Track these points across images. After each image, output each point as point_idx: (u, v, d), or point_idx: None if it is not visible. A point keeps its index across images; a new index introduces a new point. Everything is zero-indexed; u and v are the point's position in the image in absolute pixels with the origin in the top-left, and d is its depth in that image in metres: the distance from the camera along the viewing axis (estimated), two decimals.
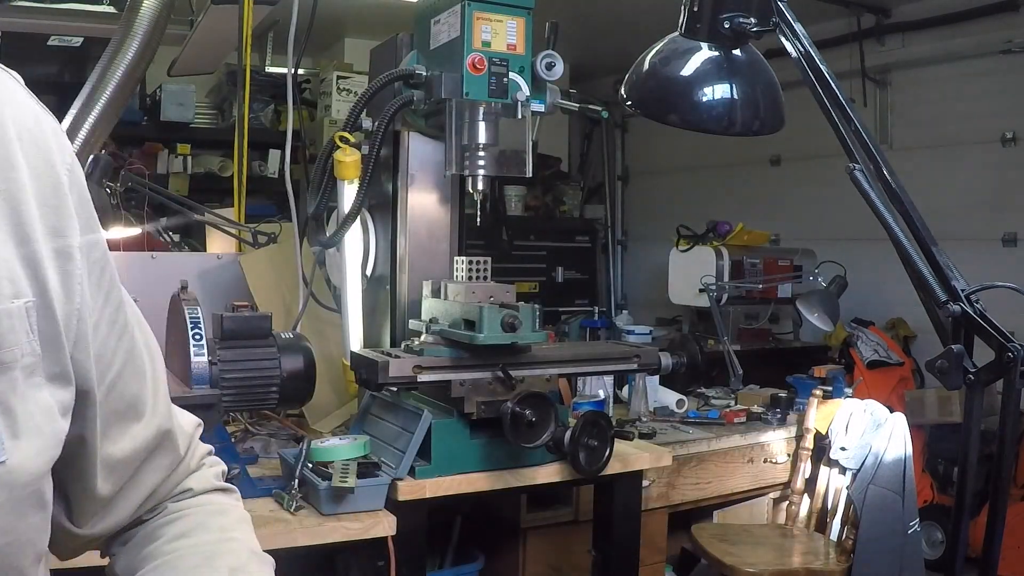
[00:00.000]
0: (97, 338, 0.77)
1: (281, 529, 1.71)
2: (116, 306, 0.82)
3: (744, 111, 1.53)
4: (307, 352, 1.93)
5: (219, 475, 1.01)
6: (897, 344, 4.91)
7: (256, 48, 5.09)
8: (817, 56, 1.41)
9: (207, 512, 0.94)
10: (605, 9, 4.10)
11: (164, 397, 0.89)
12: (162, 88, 5.19)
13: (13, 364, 0.67)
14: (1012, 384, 1.19)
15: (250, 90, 3.29)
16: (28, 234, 0.69)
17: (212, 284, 2.52)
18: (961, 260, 1.32)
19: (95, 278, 0.78)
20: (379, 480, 1.82)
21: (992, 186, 4.82)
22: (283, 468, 1.92)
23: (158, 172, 5.25)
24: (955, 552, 1.25)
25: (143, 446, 0.85)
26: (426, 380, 1.88)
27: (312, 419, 2.40)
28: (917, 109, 5.21)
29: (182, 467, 0.94)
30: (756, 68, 1.54)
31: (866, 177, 1.34)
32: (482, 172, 1.99)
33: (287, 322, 2.41)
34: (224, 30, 3.31)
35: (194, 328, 1.75)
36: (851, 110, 1.38)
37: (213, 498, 0.97)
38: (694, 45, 1.51)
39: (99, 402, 0.78)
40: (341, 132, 2.08)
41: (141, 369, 0.85)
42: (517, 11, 1.96)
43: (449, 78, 1.92)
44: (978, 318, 1.22)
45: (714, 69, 1.50)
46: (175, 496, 0.93)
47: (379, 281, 2.26)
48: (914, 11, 5.13)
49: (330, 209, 2.26)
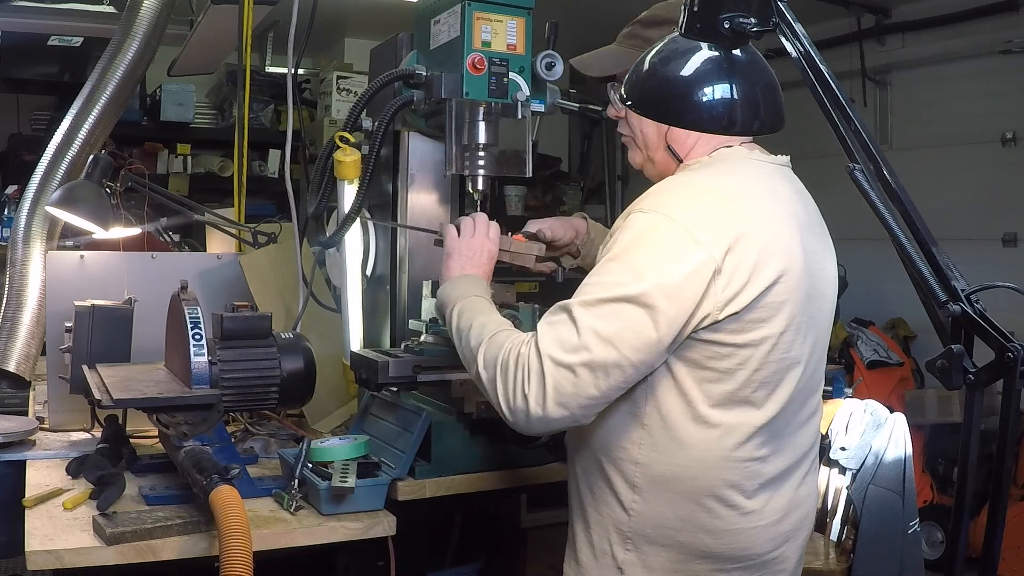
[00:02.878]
0: None
1: (281, 529, 1.71)
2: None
3: (744, 111, 1.53)
4: (307, 352, 1.93)
5: None
6: (897, 344, 4.92)
7: (256, 48, 5.09)
8: (817, 56, 1.41)
9: None
10: (605, 9, 4.08)
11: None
12: (162, 88, 5.20)
13: None
14: (1012, 384, 1.19)
15: (250, 90, 3.29)
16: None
17: (212, 284, 2.52)
18: (961, 260, 1.32)
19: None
20: (379, 480, 1.82)
21: (992, 186, 4.82)
22: (283, 468, 1.92)
23: (158, 172, 5.26)
24: (955, 552, 1.25)
25: None
26: (426, 380, 1.88)
27: (312, 419, 2.40)
28: (917, 109, 5.22)
29: None
30: (756, 68, 1.54)
31: (866, 177, 1.34)
32: (482, 172, 1.99)
33: (287, 322, 2.41)
34: (224, 30, 3.31)
35: (194, 328, 1.75)
36: (851, 110, 1.38)
37: None
38: (694, 45, 1.51)
39: None
40: (341, 132, 2.08)
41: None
42: (517, 11, 1.95)
43: (449, 78, 1.92)
44: (978, 318, 1.22)
45: (714, 69, 1.50)
46: None
47: (379, 281, 2.26)
48: (914, 11, 5.13)
49: (330, 209, 2.26)
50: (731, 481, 1.46)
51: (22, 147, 4.96)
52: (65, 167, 2.72)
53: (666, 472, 1.46)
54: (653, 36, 1.68)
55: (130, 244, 2.94)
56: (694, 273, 1.38)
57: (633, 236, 1.44)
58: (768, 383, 1.46)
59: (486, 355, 1.48)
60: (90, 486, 1.82)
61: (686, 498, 1.46)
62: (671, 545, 1.47)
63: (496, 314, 1.59)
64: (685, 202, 1.45)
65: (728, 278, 1.39)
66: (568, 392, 1.37)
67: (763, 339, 1.43)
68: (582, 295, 1.43)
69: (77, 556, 1.56)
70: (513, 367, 1.41)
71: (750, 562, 1.49)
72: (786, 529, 1.53)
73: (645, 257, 1.40)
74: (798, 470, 1.56)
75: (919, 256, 1.29)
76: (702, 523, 1.46)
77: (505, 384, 1.42)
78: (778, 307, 1.43)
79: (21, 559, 1.59)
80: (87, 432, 2.29)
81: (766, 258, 1.42)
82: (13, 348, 2.59)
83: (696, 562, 1.47)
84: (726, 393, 1.44)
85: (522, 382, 1.39)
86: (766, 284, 1.41)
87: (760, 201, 1.49)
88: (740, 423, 1.45)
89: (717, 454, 1.45)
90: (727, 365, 1.43)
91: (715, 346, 1.42)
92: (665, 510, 1.47)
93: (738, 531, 1.47)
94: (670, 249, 1.40)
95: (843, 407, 3.13)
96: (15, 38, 3.82)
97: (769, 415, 1.47)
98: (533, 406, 1.38)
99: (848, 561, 2.83)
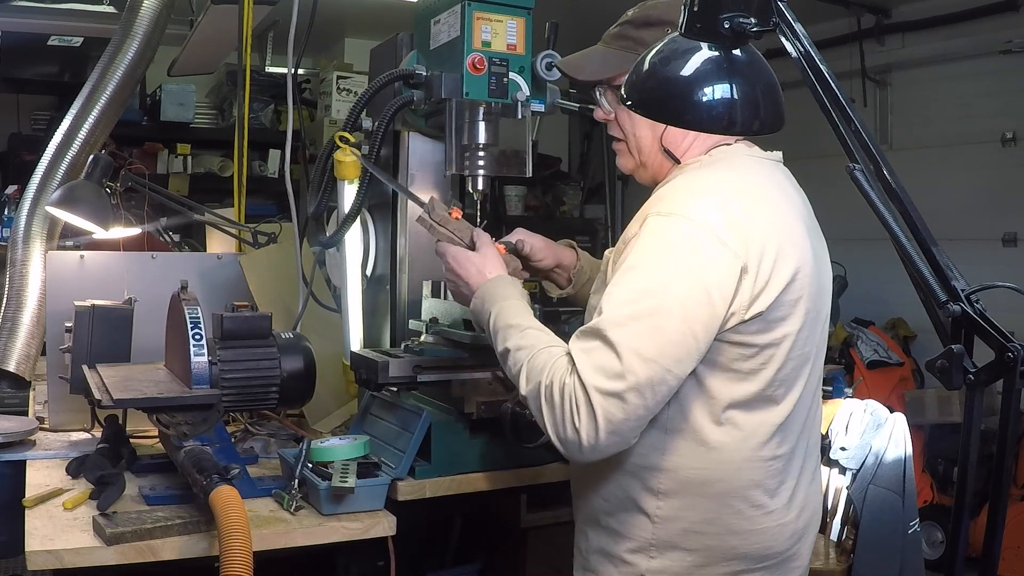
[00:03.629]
0: None
1: (281, 529, 1.70)
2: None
3: (744, 111, 1.52)
4: (307, 352, 1.93)
5: None
6: (897, 344, 4.91)
7: (256, 48, 5.09)
8: (817, 56, 1.41)
9: None
10: (605, 9, 4.07)
11: None
12: (162, 88, 5.20)
13: None
14: (1012, 384, 1.19)
15: (250, 90, 3.29)
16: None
17: (212, 284, 2.52)
18: (961, 260, 1.32)
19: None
20: (379, 480, 1.82)
21: (992, 186, 4.82)
22: (283, 468, 1.92)
23: (158, 172, 5.26)
24: (955, 552, 1.25)
25: None
26: (426, 380, 1.88)
27: (312, 419, 2.40)
28: (917, 109, 5.21)
29: None
30: (756, 68, 1.54)
31: (866, 177, 1.33)
32: (482, 172, 1.98)
33: (287, 322, 2.41)
34: (224, 30, 3.31)
35: (194, 328, 1.75)
36: (851, 110, 1.38)
37: None
38: (694, 45, 1.51)
39: None
40: (341, 132, 2.08)
41: None
42: (517, 11, 1.95)
43: (449, 78, 1.92)
44: (978, 318, 1.22)
45: (714, 69, 1.50)
46: None
47: (379, 281, 2.26)
48: (914, 11, 5.13)
49: (330, 209, 2.26)
50: (756, 480, 1.45)
51: (22, 147, 4.96)
52: (65, 167, 2.72)
53: (692, 476, 1.45)
54: (646, 37, 1.64)
55: (130, 244, 2.94)
56: (724, 273, 1.37)
57: (654, 241, 1.40)
58: (787, 381, 1.46)
59: (528, 378, 1.43)
60: (90, 486, 1.82)
61: (713, 500, 1.45)
62: (698, 549, 1.46)
63: (526, 317, 1.54)
64: (702, 202, 1.43)
65: (754, 276, 1.38)
66: (619, 419, 1.34)
67: (784, 337, 1.43)
68: (611, 313, 1.37)
69: (77, 556, 1.56)
70: (559, 399, 1.36)
71: (772, 560, 1.49)
72: (802, 525, 1.54)
73: (671, 262, 1.38)
74: (808, 466, 1.57)
75: (919, 256, 1.29)
76: (729, 524, 1.45)
77: (553, 415, 1.37)
78: (795, 304, 1.43)
79: (21, 559, 1.59)
80: (87, 432, 2.29)
81: (783, 255, 1.42)
82: (13, 348, 2.59)
83: (720, 565, 1.46)
84: (751, 394, 1.43)
85: (571, 415, 1.34)
86: (785, 281, 1.41)
87: (770, 197, 1.49)
88: (763, 422, 1.45)
89: (743, 455, 1.45)
90: (752, 365, 1.42)
91: (741, 347, 1.41)
92: (691, 514, 1.45)
93: (763, 530, 1.47)
94: (696, 252, 1.37)
95: (843, 407, 3.13)
96: (15, 38, 3.82)
97: (787, 412, 1.47)
98: (585, 439, 1.34)
99: (848, 561, 2.83)
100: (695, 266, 1.37)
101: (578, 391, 1.34)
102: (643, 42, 1.63)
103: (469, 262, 1.69)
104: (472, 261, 1.69)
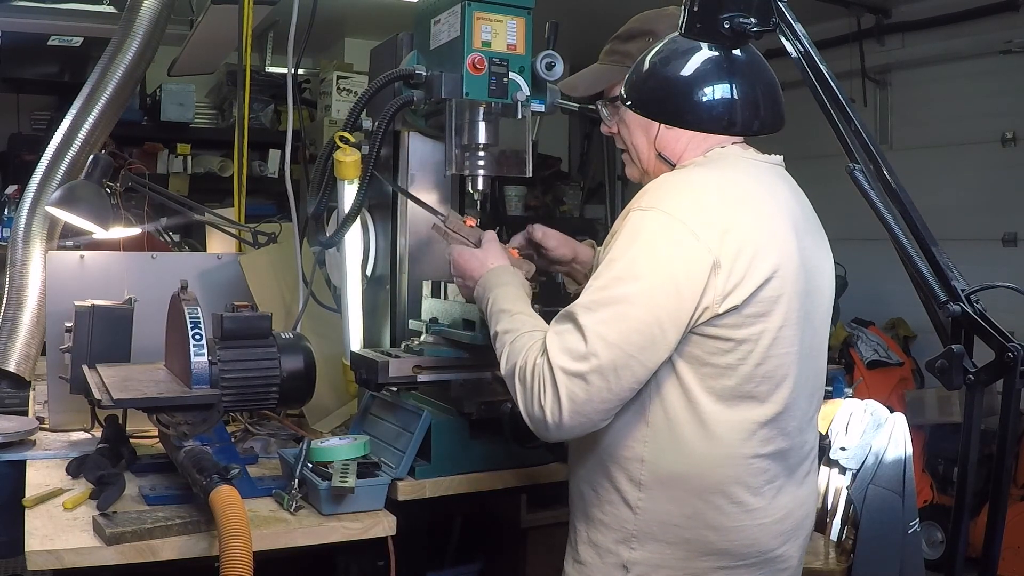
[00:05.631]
0: None
1: (281, 529, 1.70)
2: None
3: (744, 111, 1.53)
4: (307, 352, 1.93)
5: None
6: (897, 344, 4.92)
7: (256, 48, 5.09)
8: (817, 56, 1.41)
9: None
10: (605, 9, 4.09)
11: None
12: (162, 88, 5.19)
13: None
14: (1012, 384, 1.19)
15: (250, 90, 3.28)
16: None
17: (212, 284, 2.52)
18: (961, 260, 1.32)
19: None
20: (379, 480, 1.82)
21: (992, 186, 4.82)
22: (283, 468, 1.92)
23: (158, 172, 5.26)
24: (955, 552, 1.25)
25: None
26: (426, 380, 1.88)
27: (312, 419, 2.40)
28: (917, 109, 5.22)
29: None
30: (756, 68, 1.54)
31: (866, 177, 1.34)
32: (482, 172, 1.99)
33: (287, 322, 2.41)
34: (224, 30, 3.31)
35: (194, 328, 1.75)
36: (851, 110, 1.38)
37: None
38: (694, 45, 1.51)
39: None
40: (341, 132, 2.08)
41: None
42: (517, 11, 1.96)
43: (449, 78, 1.92)
44: (978, 318, 1.22)
45: (714, 69, 1.50)
46: None
47: (379, 281, 2.26)
48: (914, 11, 5.13)
49: (330, 209, 2.26)
50: (737, 478, 1.47)
51: (22, 147, 4.96)
52: (65, 167, 2.72)
53: (672, 470, 1.47)
54: (632, 50, 1.71)
55: (130, 244, 2.94)
56: (694, 266, 1.40)
57: (632, 234, 1.45)
58: (771, 378, 1.47)
59: (508, 359, 1.51)
60: (90, 486, 1.82)
61: (692, 495, 1.46)
62: (677, 543, 1.47)
63: (518, 303, 1.61)
64: (681, 198, 1.46)
65: (728, 271, 1.40)
66: (582, 400, 1.39)
67: (761, 333, 1.44)
68: (584, 298, 1.44)
69: (77, 556, 1.56)
70: (530, 378, 1.44)
71: (755, 559, 1.49)
72: (789, 527, 1.54)
73: (644, 254, 1.41)
74: (801, 468, 1.57)
75: (919, 256, 1.29)
76: (708, 520, 1.46)
77: (524, 394, 1.45)
78: (774, 302, 1.44)
79: (21, 559, 1.59)
80: (87, 432, 2.29)
81: (762, 253, 1.43)
82: (13, 348, 2.59)
83: (701, 559, 1.48)
84: (728, 388, 1.45)
85: (539, 393, 1.41)
86: (762, 279, 1.43)
87: (755, 197, 1.50)
88: (744, 419, 1.46)
89: (722, 451, 1.46)
90: (728, 360, 1.44)
91: (716, 341, 1.43)
92: (671, 507, 1.47)
93: (743, 528, 1.48)
94: (669, 244, 1.41)
95: (843, 407, 3.13)
96: (15, 38, 3.82)
97: (774, 411, 1.48)
98: (550, 417, 1.40)
99: (848, 561, 2.83)
100: (666, 258, 1.40)
101: (545, 371, 1.41)
102: (629, 55, 1.70)
103: (473, 257, 1.76)
104: (476, 256, 1.76)
